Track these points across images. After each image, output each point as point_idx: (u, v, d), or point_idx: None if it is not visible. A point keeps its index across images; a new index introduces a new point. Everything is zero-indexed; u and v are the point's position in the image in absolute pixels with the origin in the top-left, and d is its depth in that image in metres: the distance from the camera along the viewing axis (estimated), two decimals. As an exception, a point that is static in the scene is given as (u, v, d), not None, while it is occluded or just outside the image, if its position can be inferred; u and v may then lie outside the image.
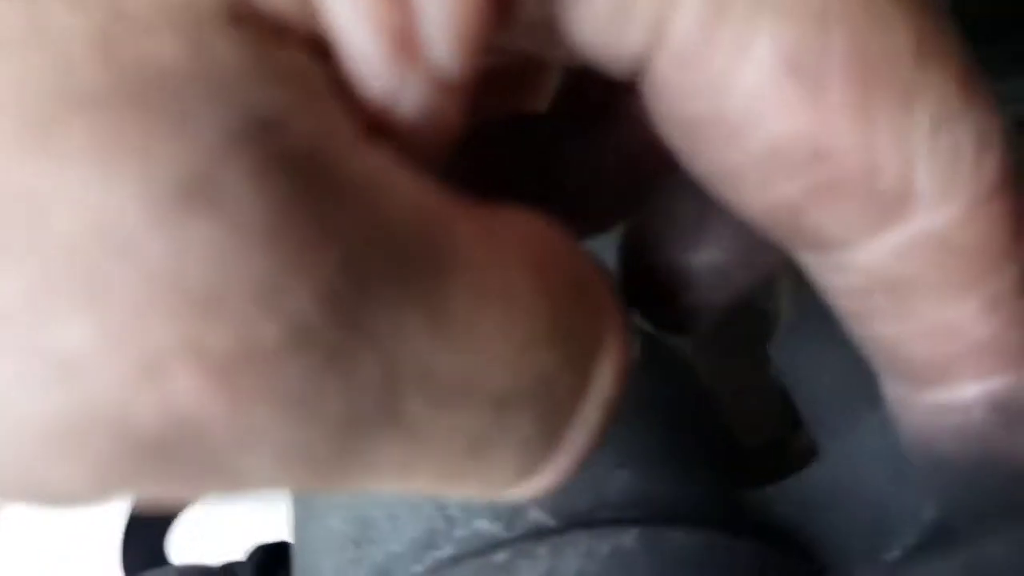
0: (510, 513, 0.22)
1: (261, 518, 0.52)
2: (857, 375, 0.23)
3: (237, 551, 0.38)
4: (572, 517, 0.22)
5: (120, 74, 0.11)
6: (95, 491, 0.11)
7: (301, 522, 0.26)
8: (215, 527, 0.54)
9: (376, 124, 0.13)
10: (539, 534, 0.22)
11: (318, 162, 0.11)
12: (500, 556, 0.21)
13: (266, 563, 0.36)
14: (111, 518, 0.54)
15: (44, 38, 0.11)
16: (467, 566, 0.22)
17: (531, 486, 0.15)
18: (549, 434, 0.14)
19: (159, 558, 0.53)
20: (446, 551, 0.22)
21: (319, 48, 0.12)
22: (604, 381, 0.15)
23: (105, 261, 0.10)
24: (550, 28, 0.14)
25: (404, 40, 0.12)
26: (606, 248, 0.19)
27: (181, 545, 0.54)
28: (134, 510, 0.54)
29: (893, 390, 0.17)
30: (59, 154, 0.10)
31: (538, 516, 0.22)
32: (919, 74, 0.14)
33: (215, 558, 0.38)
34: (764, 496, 0.25)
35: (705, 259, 0.18)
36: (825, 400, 0.26)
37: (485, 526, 0.22)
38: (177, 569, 0.39)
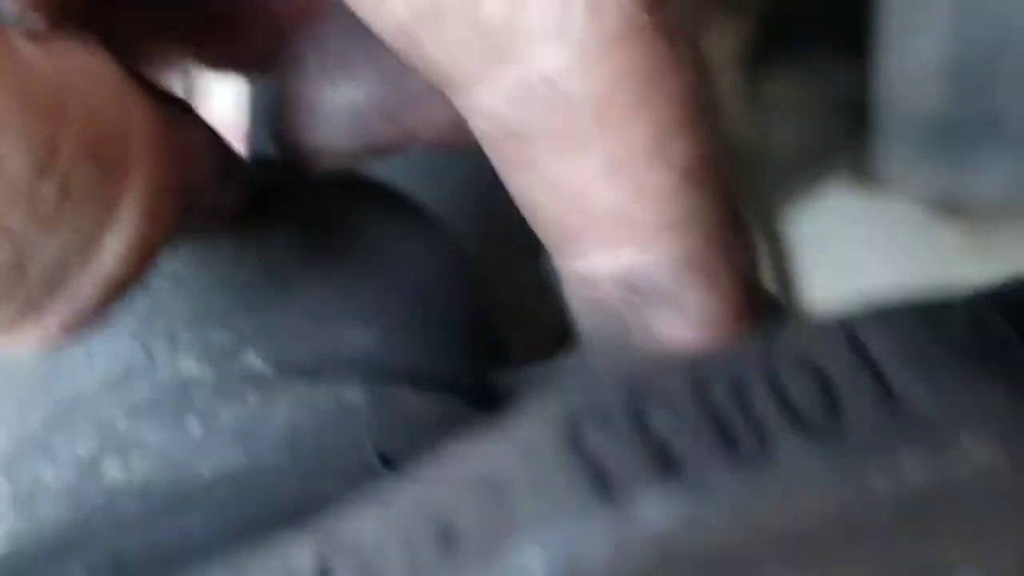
0: (220, 355, 0.20)
1: None
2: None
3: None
4: (293, 366, 0.20)
5: None
6: None
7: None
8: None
9: None
10: (251, 380, 0.20)
11: None
12: (201, 399, 0.19)
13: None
14: None
15: None
16: (164, 409, 0.19)
17: (17, 341, 0.14)
18: (18, 303, 0.13)
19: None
20: (142, 392, 0.19)
21: None
22: (108, 257, 0.14)
23: None
24: None
25: None
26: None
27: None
28: None
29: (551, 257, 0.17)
30: None
31: (254, 363, 0.20)
32: None
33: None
34: (516, 377, 0.23)
35: (342, 97, 0.18)
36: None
37: (191, 366, 0.20)
38: None
